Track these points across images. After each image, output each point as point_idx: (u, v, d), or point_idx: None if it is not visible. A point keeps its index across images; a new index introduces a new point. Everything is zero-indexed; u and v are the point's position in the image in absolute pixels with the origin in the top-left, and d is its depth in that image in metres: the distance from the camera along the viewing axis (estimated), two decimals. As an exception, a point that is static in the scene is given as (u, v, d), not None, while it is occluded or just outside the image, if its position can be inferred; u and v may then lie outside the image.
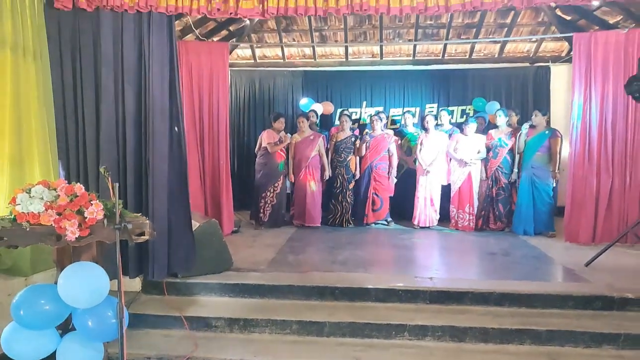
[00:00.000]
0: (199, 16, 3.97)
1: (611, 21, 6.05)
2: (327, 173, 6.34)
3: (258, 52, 7.98)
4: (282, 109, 7.78)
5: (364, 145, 6.33)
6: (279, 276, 4.04)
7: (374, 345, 3.33)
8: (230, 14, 3.64)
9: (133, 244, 2.49)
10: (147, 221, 2.41)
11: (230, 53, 7.03)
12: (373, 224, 6.42)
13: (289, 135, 6.35)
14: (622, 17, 5.83)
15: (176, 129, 3.84)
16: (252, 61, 8.07)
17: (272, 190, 6.20)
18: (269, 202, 6.21)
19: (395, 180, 6.45)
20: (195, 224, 4.02)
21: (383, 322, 3.42)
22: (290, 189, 6.52)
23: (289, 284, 3.85)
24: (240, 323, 3.50)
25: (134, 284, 3.87)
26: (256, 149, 6.50)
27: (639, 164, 4.98)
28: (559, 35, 6.56)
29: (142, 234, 2.37)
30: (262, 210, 6.20)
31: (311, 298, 3.77)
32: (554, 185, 5.86)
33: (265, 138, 6.24)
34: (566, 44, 7.04)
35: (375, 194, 6.38)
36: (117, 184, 2.26)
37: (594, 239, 5.13)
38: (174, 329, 3.50)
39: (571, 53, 5.48)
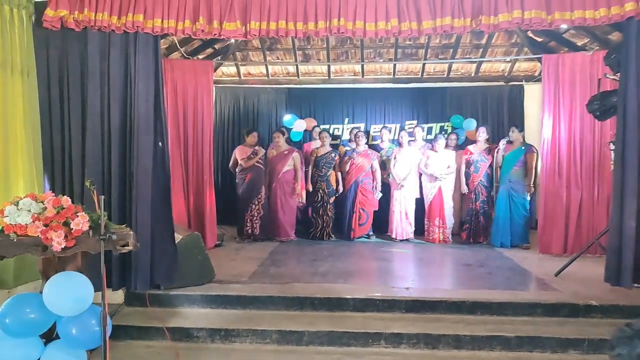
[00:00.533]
0: (184, 36, 4.11)
1: (579, 43, 6.36)
2: (300, 188, 6.45)
3: (243, 69, 8.16)
4: (266, 125, 7.95)
5: (349, 163, 6.50)
6: (260, 287, 4.14)
7: (352, 353, 3.44)
8: (214, 34, 3.81)
9: (117, 253, 2.59)
10: (131, 232, 2.52)
11: (215, 70, 7.20)
12: (357, 238, 6.55)
13: (262, 150, 6.51)
14: (588, 39, 6.14)
15: (160, 144, 3.96)
16: (237, 78, 8.24)
17: (257, 203, 6.32)
18: (256, 214, 6.32)
19: (380, 195, 6.61)
20: (178, 237, 4.11)
21: (360, 331, 3.54)
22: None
23: (270, 295, 3.96)
24: (222, 333, 3.59)
25: (117, 296, 3.93)
26: (230, 164, 6.64)
27: (605, 178, 5.22)
28: (530, 56, 6.86)
29: (126, 244, 2.47)
30: (249, 224, 6.29)
31: (291, 308, 3.87)
32: (530, 198, 6.09)
33: (238, 154, 6.38)
34: (538, 64, 7.33)
35: (362, 208, 6.53)
36: (102, 197, 2.37)
37: (566, 250, 5.34)
38: (156, 340, 3.56)
39: (542, 73, 5.76)
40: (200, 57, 7.10)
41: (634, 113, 3.57)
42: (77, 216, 2.37)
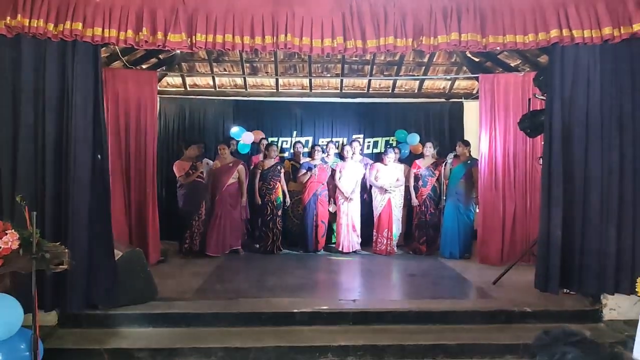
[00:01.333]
0: (127, 46, 4.00)
1: (512, 64, 6.79)
2: (244, 200, 6.41)
3: (189, 80, 8.02)
4: (213, 137, 7.82)
5: (308, 175, 6.52)
6: (205, 304, 4.05)
7: (299, 368, 3.43)
8: (158, 46, 3.73)
9: (51, 273, 2.45)
10: (66, 250, 2.40)
11: (160, 81, 7.02)
12: (319, 251, 6.54)
13: (209, 162, 6.40)
14: (520, 61, 6.58)
15: (99, 156, 3.80)
16: (183, 89, 8.08)
17: (197, 219, 6.19)
18: (196, 231, 6.18)
19: (334, 207, 6.67)
20: (118, 253, 3.94)
21: (307, 345, 3.54)
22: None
23: (215, 312, 3.88)
24: (165, 353, 3.46)
25: (50, 317, 3.70)
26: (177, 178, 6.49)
27: (536, 191, 5.56)
28: (469, 75, 7.25)
29: (61, 263, 2.35)
30: (189, 240, 6.14)
31: (237, 325, 3.81)
32: (476, 211, 6.37)
33: (176, 171, 6.23)
34: (476, 82, 7.75)
35: (322, 221, 6.57)
36: (34, 213, 2.24)
37: (502, 259, 5.62)
38: (92, 363, 3.38)
39: (479, 91, 6.10)
40: (144, 66, 6.91)
41: (559, 130, 3.85)
42: (6, 234, 2.22)
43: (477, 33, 3.76)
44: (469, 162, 6.36)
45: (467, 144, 6.50)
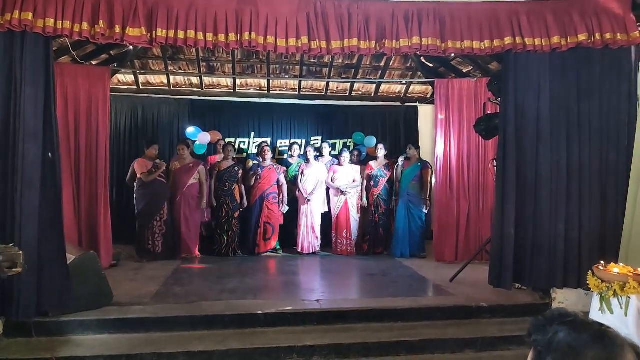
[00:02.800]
0: (82, 39, 3.80)
1: (465, 70, 7.07)
2: (205, 202, 6.28)
3: (142, 77, 7.74)
4: (167, 137, 7.59)
5: (254, 177, 6.45)
6: (164, 308, 3.91)
7: (264, 370, 3.38)
8: (116, 40, 3.58)
9: (5, 276, 2.28)
10: (20, 252, 2.24)
11: (111, 77, 6.73)
12: (263, 253, 6.49)
13: (163, 163, 6.25)
14: (472, 67, 6.86)
15: (50, 155, 3.58)
16: (135, 87, 7.79)
17: (159, 219, 5.98)
18: (158, 231, 5.97)
19: (287, 208, 6.63)
20: (70, 257, 3.73)
21: (272, 346, 3.50)
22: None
23: (176, 316, 3.76)
24: (122, 360, 3.31)
25: (-6, 327, 3.45)
26: (127, 178, 6.26)
27: (489, 192, 5.81)
28: (424, 80, 7.47)
29: (14, 266, 2.19)
30: (151, 242, 5.92)
31: (200, 328, 3.71)
32: (427, 211, 6.55)
33: (138, 168, 6.04)
34: (430, 87, 8.00)
35: (268, 222, 6.49)
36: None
37: (457, 258, 5.82)
38: (43, 374, 3.18)
39: (435, 95, 6.30)
40: (94, 62, 6.60)
41: (512, 133, 4.05)
42: (-48, 235, 2.04)
43: (437, 38, 3.89)
44: (419, 164, 6.54)
45: (417, 147, 6.69)
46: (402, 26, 3.86)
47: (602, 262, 2.91)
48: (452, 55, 5.84)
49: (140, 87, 7.82)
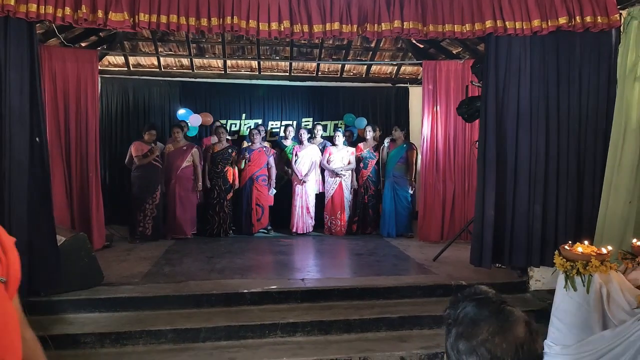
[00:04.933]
0: (65, 24, 3.83)
1: (454, 51, 7.08)
2: (200, 184, 6.36)
3: (132, 59, 7.73)
4: (159, 119, 7.63)
5: (243, 160, 6.53)
6: (154, 288, 4.04)
7: (248, 346, 3.52)
8: (99, 25, 3.61)
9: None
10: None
11: (101, 60, 6.74)
12: (255, 234, 6.61)
13: (161, 145, 6.31)
14: (461, 48, 6.87)
15: (37, 139, 3.66)
16: (126, 69, 7.79)
17: (151, 202, 6.08)
18: (149, 214, 6.07)
19: (274, 192, 6.74)
20: (60, 239, 3.84)
21: (257, 323, 3.65)
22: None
23: (165, 295, 3.89)
24: (112, 337, 3.45)
25: (-13, 306, 3.57)
26: (126, 161, 6.34)
27: (474, 173, 5.88)
28: (414, 61, 7.48)
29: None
30: (142, 224, 6.04)
31: (188, 307, 3.85)
32: (412, 192, 6.65)
33: (134, 151, 6.12)
34: (421, 68, 8.02)
35: (257, 204, 6.61)
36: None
37: (442, 237, 5.96)
38: (36, 350, 3.31)
39: (422, 77, 6.33)
40: (83, 44, 6.60)
41: (493, 116, 4.12)
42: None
43: (419, 22, 3.93)
44: (404, 145, 6.62)
45: (402, 128, 6.76)
46: (383, 9, 3.89)
47: (570, 242, 3.02)
48: (438, 38, 5.85)
49: (131, 68, 7.81)
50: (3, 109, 3.49)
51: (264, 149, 6.69)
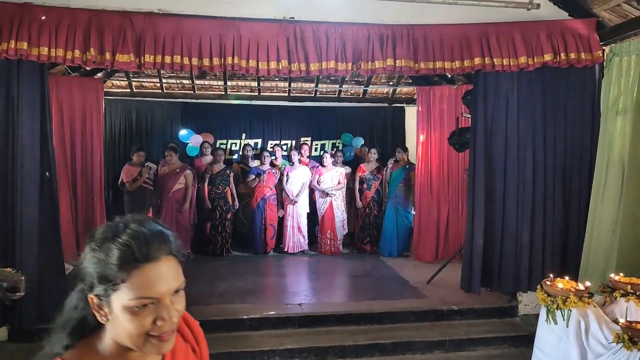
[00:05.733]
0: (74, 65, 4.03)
1: (449, 75, 7.26)
2: (186, 205, 6.43)
3: (135, 82, 7.93)
4: (161, 139, 7.81)
5: (256, 180, 6.72)
6: (157, 313, 4.20)
7: (248, 372, 3.70)
8: (106, 66, 3.82)
9: (9, 301, 2.56)
10: (22, 277, 2.51)
11: (105, 82, 6.93)
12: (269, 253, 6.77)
13: (152, 166, 6.45)
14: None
15: (47, 174, 3.84)
16: (129, 90, 7.98)
17: None
18: None
19: (283, 212, 6.92)
20: (68, 267, 4.02)
21: (256, 349, 3.82)
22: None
23: (168, 321, 4.05)
24: (118, 364, 3.60)
25: (-1, 333, 3.75)
26: (119, 182, 6.50)
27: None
28: (409, 82, 7.68)
29: (18, 290, 2.46)
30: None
31: (189, 332, 4.00)
32: (414, 212, 6.83)
33: (124, 176, 6.30)
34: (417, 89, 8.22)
35: (271, 224, 6.81)
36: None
37: (437, 257, 6.13)
38: (46, 377, 3.48)
39: (417, 101, 6.53)
40: (88, 68, 6.79)
41: (482, 147, 4.30)
42: (-39, 267, 2.32)
43: (410, 59, 4.12)
44: (407, 166, 6.82)
45: (405, 149, 6.95)
46: (377, 49, 4.08)
47: (551, 275, 3.20)
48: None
49: (134, 90, 8.00)
50: (15, 146, 3.68)
51: (273, 170, 6.88)
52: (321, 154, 8.03)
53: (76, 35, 3.71)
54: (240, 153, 7.72)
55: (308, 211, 6.93)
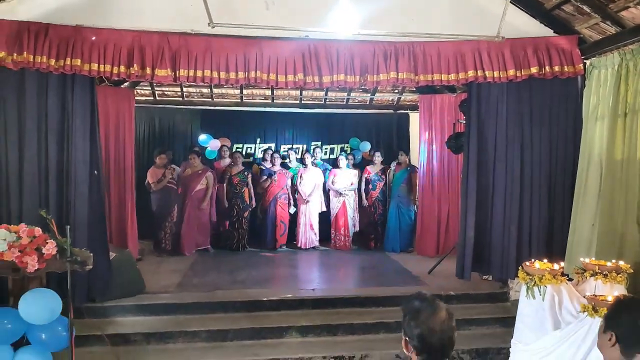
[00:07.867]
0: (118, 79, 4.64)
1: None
2: (205, 204, 6.99)
3: (158, 90, 8.55)
4: (182, 143, 8.43)
5: (270, 180, 7.27)
6: (187, 296, 4.78)
7: (269, 345, 4.24)
8: (147, 79, 4.41)
9: (85, 271, 3.13)
10: (91, 254, 3.08)
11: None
12: (279, 249, 7.33)
13: (176, 167, 7.02)
14: (456, 80, 7.61)
15: (95, 172, 4.44)
16: (152, 98, 8.61)
17: (169, 221, 6.84)
18: (169, 232, 6.84)
19: (294, 209, 7.48)
20: (111, 254, 4.60)
21: (275, 326, 4.36)
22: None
23: (197, 302, 4.63)
24: (157, 336, 4.18)
25: (53, 311, 4.32)
26: (145, 183, 7.09)
27: (466, 194, 6.60)
28: (413, 89, 8.22)
29: (87, 264, 3.03)
30: (163, 241, 6.80)
31: (217, 312, 4.58)
32: (415, 210, 7.35)
33: (150, 177, 6.90)
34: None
35: (282, 221, 7.37)
36: (68, 227, 2.92)
37: (438, 251, 6.64)
38: (96, 346, 4.04)
39: (419, 108, 7.08)
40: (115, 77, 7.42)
41: (474, 151, 4.82)
42: (47, 243, 2.89)
43: (411, 72, 4.66)
44: (408, 168, 7.36)
45: (407, 152, 7.51)
46: (381, 63, 4.63)
47: (533, 259, 3.71)
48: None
49: (157, 98, 8.63)
50: (70, 148, 4.28)
51: (283, 171, 7.45)
52: (330, 157, 8.62)
53: (121, 53, 4.30)
54: (261, 156, 8.26)
55: (320, 210, 7.46)
